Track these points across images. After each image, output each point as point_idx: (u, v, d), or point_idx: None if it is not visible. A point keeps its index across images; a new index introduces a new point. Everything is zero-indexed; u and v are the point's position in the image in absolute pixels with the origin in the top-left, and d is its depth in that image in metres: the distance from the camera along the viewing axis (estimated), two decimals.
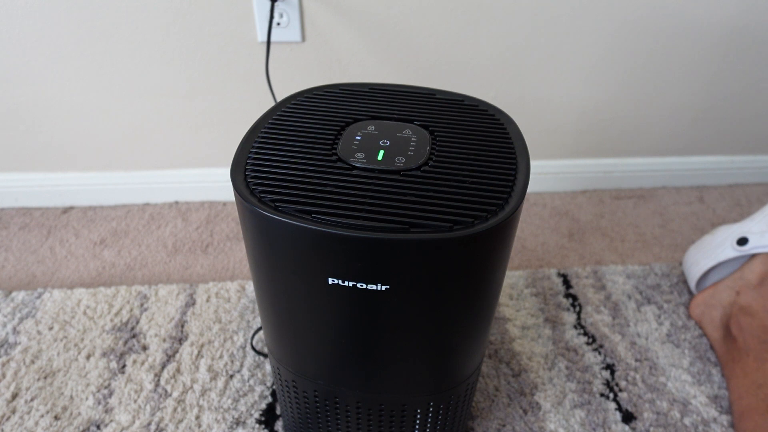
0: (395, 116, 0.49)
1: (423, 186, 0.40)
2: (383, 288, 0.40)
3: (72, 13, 0.85)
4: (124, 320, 0.80)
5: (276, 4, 0.85)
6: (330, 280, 0.40)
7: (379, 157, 0.43)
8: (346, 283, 0.40)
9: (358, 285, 0.40)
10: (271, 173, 0.41)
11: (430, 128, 0.47)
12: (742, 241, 0.78)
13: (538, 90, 1.02)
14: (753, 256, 0.77)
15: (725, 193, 1.17)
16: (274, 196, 0.39)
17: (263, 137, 0.46)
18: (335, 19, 0.89)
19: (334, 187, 0.40)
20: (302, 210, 0.38)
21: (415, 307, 0.43)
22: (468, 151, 0.45)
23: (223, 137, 1.02)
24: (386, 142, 0.45)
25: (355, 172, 0.41)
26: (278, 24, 0.88)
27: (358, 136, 0.46)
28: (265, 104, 0.96)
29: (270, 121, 0.48)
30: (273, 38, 0.89)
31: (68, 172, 1.04)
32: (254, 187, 0.40)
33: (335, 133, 0.46)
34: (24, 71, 0.91)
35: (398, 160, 0.43)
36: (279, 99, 0.93)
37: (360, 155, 0.43)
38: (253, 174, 0.42)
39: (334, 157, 0.43)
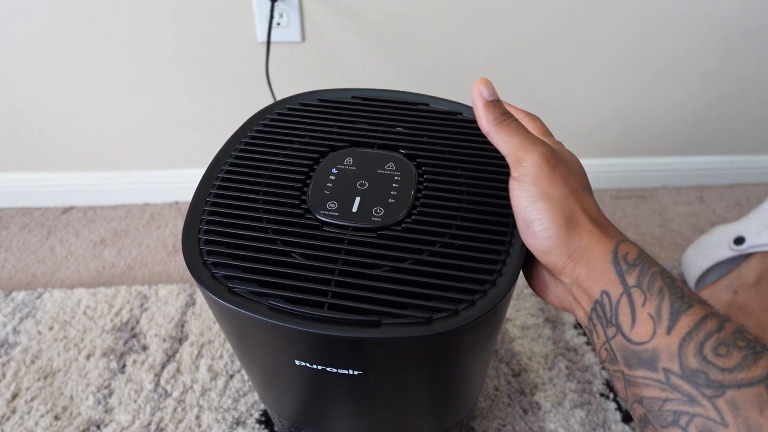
0: (378, 142, 0.42)
1: (400, 253, 0.34)
2: (355, 373, 0.36)
3: (72, 13, 0.85)
4: (124, 320, 0.80)
5: (276, 4, 0.85)
6: (297, 362, 0.36)
7: (354, 208, 0.37)
8: (314, 367, 0.36)
9: (328, 369, 0.36)
10: (228, 235, 0.36)
11: (417, 160, 0.41)
12: (739, 241, 0.78)
13: (538, 90, 1.02)
14: (750, 255, 0.77)
15: (725, 193, 1.17)
16: (228, 272, 0.34)
17: (223, 180, 0.40)
18: (335, 19, 0.89)
19: (298, 255, 0.35)
20: (258, 293, 0.33)
21: (394, 387, 0.39)
22: (459, 195, 0.38)
23: (224, 137, 1.01)
24: (364, 184, 0.39)
25: (324, 230, 0.36)
26: (278, 24, 0.88)
27: (333, 174, 0.39)
28: (264, 104, 0.96)
29: (232, 155, 0.42)
30: (273, 38, 0.89)
31: (68, 172, 1.05)
32: (207, 257, 0.35)
33: (307, 169, 0.40)
34: (24, 71, 0.91)
35: (376, 212, 0.37)
36: (279, 99, 0.93)
37: (332, 205, 0.37)
38: (206, 237, 0.36)
39: (302, 209, 0.37)
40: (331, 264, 0.34)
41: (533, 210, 0.33)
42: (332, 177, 0.39)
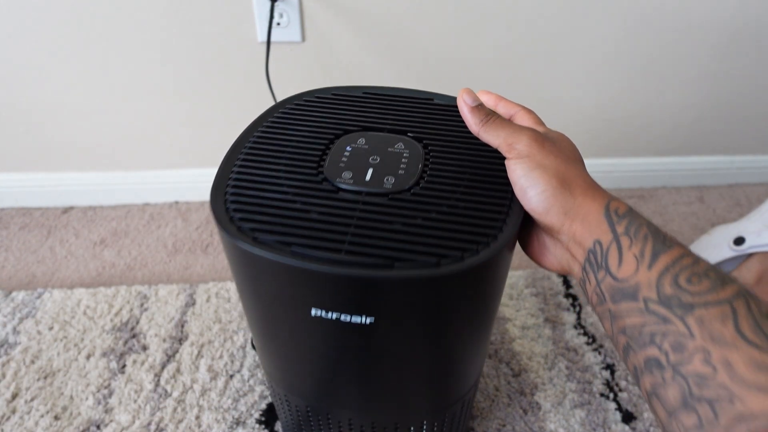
0: (388, 127, 0.46)
1: (411, 212, 0.38)
2: (368, 321, 0.38)
3: (72, 12, 0.85)
4: (124, 320, 0.80)
5: (276, 4, 0.85)
6: (313, 312, 0.39)
7: (368, 177, 0.41)
8: (330, 315, 0.38)
9: (342, 317, 0.38)
10: (252, 197, 0.40)
11: (424, 141, 0.45)
12: (739, 241, 0.78)
13: (538, 90, 1.02)
14: (750, 255, 0.77)
15: (725, 193, 1.17)
16: (254, 225, 0.37)
17: (246, 155, 0.44)
18: (335, 19, 0.89)
19: (317, 213, 0.38)
20: (282, 242, 0.36)
21: (403, 338, 0.41)
22: (462, 169, 0.42)
23: (223, 137, 1.02)
24: (376, 159, 0.43)
25: (340, 194, 0.40)
26: (278, 24, 0.88)
27: (347, 151, 0.43)
28: (264, 104, 0.96)
29: (255, 135, 0.46)
30: (273, 38, 0.89)
31: (68, 172, 1.05)
32: (233, 213, 0.39)
33: (323, 147, 0.44)
34: (24, 71, 0.91)
35: (387, 180, 0.40)
36: (279, 99, 0.93)
37: (347, 174, 0.41)
38: (233, 198, 0.40)
39: (320, 177, 0.41)
40: (347, 219, 0.38)
41: (529, 178, 0.38)
42: (346, 153, 0.43)
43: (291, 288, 0.38)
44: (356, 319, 0.38)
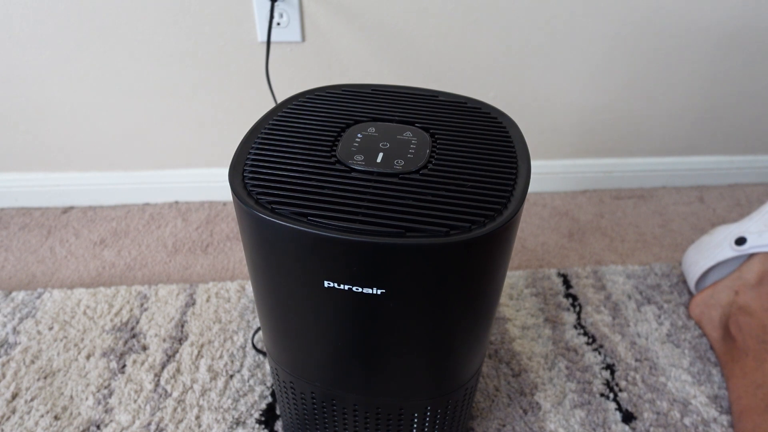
0: (396, 118, 0.49)
1: (421, 189, 0.40)
2: (379, 292, 0.40)
3: (72, 12, 0.85)
4: (124, 320, 0.80)
5: (276, 4, 0.85)
6: (326, 283, 0.40)
7: (378, 160, 0.43)
8: (342, 287, 0.40)
9: (354, 289, 0.40)
10: (269, 175, 0.42)
11: (431, 131, 0.47)
12: (740, 241, 0.78)
13: (539, 90, 1.02)
14: (751, 255, 0.77)
15: (725, 193, 1.17)
16: (271, 198, 0.39)
17: (263, 138, 0.46)
18: (335, 19, 0.89)
19: (331, 190, 0.40)
20: (298, 213, 0.38)
21: (412, 311, 0.42)
22: (468, 154, 0.44)
23: (223, 137, 1.02)
24: (386, 145, 0.45)
25: (353, 174, 0.42)
26: (278, 24, 0.88)
27: (358, 137, 0.46)
28: (265, 104, 0.96)
29: (270, 122, 0.48)
30: (273, 38, 0.89)
31: (68, 172, 1.05)
32: (251, 189, 0.40)
33: (335, 134, 0.46)
34: (24, 71, 0.91)
35: (397, 162, 0.43)
36: (279, 99, 0.93)
37: (359, 157, 0.43)
38: (251, 175, 0.42)
39: (333, 159, 0.43)
40: (360, 194, 0.40)
41: None
42: (357, 139, 0.45)
43: (305, 259, 0.39)
44: (367, 290, 0.39)
